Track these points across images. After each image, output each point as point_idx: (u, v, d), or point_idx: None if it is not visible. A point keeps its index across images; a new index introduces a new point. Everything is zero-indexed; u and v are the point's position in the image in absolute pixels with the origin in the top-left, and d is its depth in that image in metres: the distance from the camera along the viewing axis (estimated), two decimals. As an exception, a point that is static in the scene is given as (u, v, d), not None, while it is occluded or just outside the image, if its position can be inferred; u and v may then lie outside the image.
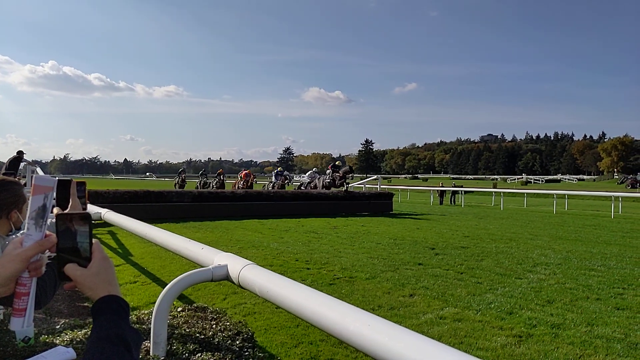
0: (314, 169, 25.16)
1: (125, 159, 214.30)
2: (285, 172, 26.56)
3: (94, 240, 0.91)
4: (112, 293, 0.90)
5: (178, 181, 32.04)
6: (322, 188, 20.29)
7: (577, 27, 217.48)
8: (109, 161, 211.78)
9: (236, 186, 24.84)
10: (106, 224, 7.18)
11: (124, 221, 4.82)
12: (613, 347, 3.86)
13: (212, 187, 26.16)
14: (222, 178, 27.85)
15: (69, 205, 1.08)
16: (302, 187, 22.02)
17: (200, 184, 30.11)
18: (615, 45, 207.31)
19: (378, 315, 1.71)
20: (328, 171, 21.15)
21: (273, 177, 26.12)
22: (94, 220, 6.11)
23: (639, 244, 10.22)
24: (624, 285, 6.09)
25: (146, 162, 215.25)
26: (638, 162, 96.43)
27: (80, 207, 1.12)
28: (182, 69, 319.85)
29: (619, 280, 6.37)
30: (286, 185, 25.40)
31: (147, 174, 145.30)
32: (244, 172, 26.11)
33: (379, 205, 17.65)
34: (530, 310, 4.86)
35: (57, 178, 1.00)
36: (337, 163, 21.75)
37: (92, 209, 5.86)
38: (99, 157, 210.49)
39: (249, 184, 24.74)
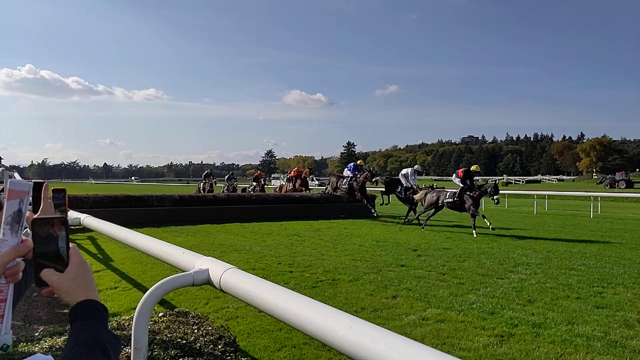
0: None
1: (105, 163, 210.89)
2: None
3: (71, 245, 0.89)
4: (89, 298, 0.88)
5: (205, 186, 26.65)
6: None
7: (554, 30, 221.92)
8: (88, 165, 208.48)
9: (285, 189, 21.40)
10: (86, 230, 7.06)
11: (104, 226, 4.73)
12: (593, 345, 3.92)
13: (252, 191, 22.45)
14: (262, 182, 24.38)
15: (40, 209, 1.06)
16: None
17: (228, 188, 25.07)
18: (593, 47, 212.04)
19: (361, 317, 1.71)
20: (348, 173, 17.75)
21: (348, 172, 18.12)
22: (74, 226, 6.00)
23: (618, 243, 10.43)
24: (603, 284, 6.20)
25: (126, 166, 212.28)
26: (616, 162, 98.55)
27: (52, 211, 1.09)
28: (161, 73, 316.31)
29: (598, 279, 6.49)
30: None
31: (133, 178, 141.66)
32: (294, 171, 21.67)
33: (361, 207, 17.68)
34: (511, 310, 4.92)
35: (32, 182, 0.98)
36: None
37: (71, 214, 5.75)
38: (78, 161, 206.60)
39: (297, 186, 20.42)
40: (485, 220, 12.11)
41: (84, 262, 0.91)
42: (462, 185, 12.89)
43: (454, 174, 13.81)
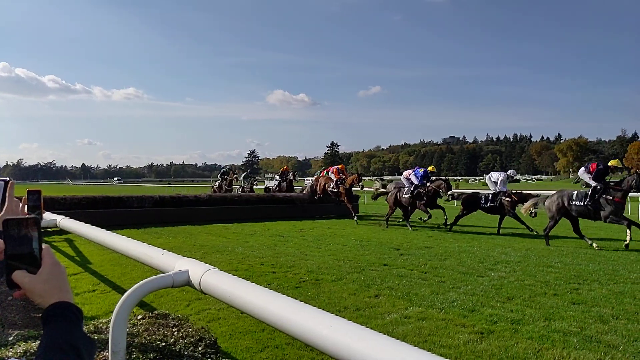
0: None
1: (83, 163, 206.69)
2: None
3: (44, 246, 0.88)
4: (63, 300, 0.87)
5: (223, 184, 22.84)
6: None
7: (532, 33, 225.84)
8: (65, 166, 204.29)
9: (319, 187, 17.17)
10: (63, 232, 6.93)
11: (81, 228, 4.66)
12: (569, 340, 4.00)
13: (275, 189, 20.38)
14: (289, 177, 21.01)
15: (4, 208, 1.04)
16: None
17: (245, 187, 22.06)
18: (569, 51, 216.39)
19: (344, 316, 1.71)
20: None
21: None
22: (50, 228, 5.89)
23: (593, 240, 10.63)
24: (579, 281, 6.32)
25: (105, 167, 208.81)
26: (592, 162, 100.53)
27: (18, 210, 1.07)
28: (142, 71, 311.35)
29: (574, 276, 6.62)
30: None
31: (115, 178, 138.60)
32: (334, 168, 16.95)
33: (345, 207, 17.72)
34: (491, 307, 4.98)
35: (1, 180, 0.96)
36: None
37: (46, 216, 5.64)
38: (54, 162, 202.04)
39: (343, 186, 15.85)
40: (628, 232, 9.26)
41: (57, 264, 0.90)
42: (595, 184, 9.85)
43: (583, 169, 10.71)
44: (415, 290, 5.73)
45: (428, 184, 13.35)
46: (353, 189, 15.90)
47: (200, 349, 2.29)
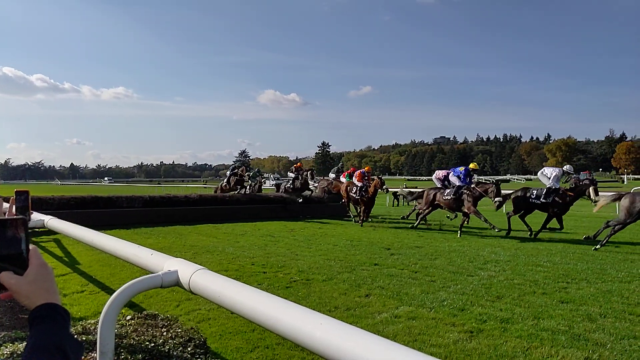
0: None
1: (72, 163, 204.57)
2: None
3: (31, 247, 0.87)
4: (50, 301, 0.86)
5: (230, 181, 19.63)
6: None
7: (521, 33, 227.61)
8: (54, 166, 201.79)
9: (343, 192, 15.85)
10: (51, 232, 6.87)
11: (70, 228, 4.61)
12: (558, 338, 4.04)
13: (288, 188, 18.27)
14: (305, 175, 17.94)
15: None
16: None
17: (254, 186, 19.76)
18: (558, 52, 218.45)
19: (334, 316, 1.72)
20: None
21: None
22: (37, 228, 5.83)
23: (581, 239, 10.75)
24: (567, 280, 6.39)
25: (94, 167, 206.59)
26: (581, 162, 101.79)
27: (1, 210, 1.06)
28: (131, 71, 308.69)
29: (563, 275, 6.68)
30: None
31: (105, 178, 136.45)
32: (359, 172, 15.33)
33: (336, 208, 17.73)
34: (480, 306, 5.01)
35: None
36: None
37: (34, 216, 5.58)
38: (43, 162, 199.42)
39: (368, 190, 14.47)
40: None
41: (44, 265, 0.89)
42: None
43: None
44: (405, 289, 5.75)
45: (473, 186, 12.02)
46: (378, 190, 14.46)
47: (189, 349, 2.27)
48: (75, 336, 2.46)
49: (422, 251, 8.89)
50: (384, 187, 14.32)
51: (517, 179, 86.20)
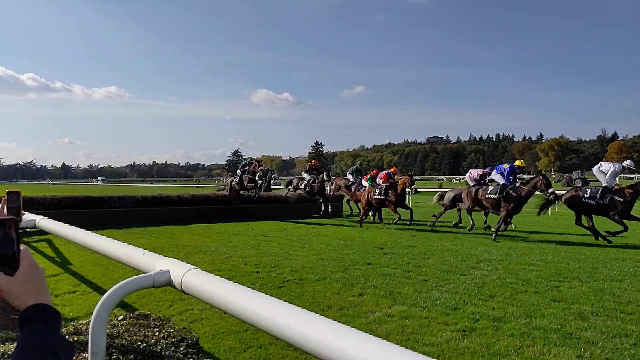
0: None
1: (64, 163, 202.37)
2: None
3: (22, 247, 0.86)
4: (41, 302, 0.86)
5: (242, 179, 16.40)
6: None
7: (515, 34, 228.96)
8: (45, 166, 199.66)
9: (363, 197, 14.21)
10: (42, 232, 6.82)
11: (61, 228, 4.58)
12: (550, 337, 4.06)
13: (304, 189, 17.00)
14: (324, 178, 16.47)
15: None
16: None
17: (260, 186, 16.33)
18: (550, 52, 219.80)
19: (327, 316, 1.72)
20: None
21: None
22: (29, 228, 5.79)
23: (574, 239, 10.83)
24: (560, 278, 6.43)
25: (86, 167, 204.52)
26: (573, 161, 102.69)
27: None
28: (123, 70, 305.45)
29: (555, 274, 6.72)
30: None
31: (99, 178, 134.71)
32: (384, 173, 13.86)
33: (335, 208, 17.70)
34: (473, 305, 5.03)
35: None
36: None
37: (26, 216, 5.54)
38: (34, 161, 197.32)
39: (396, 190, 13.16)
40: None
41: (35, 265, 0.89)
42: None
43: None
44: (398, 289, 5.76)
45: (518, 183, 11.00)
46: (406, 189, 13.42)
47: (181, 349, 2.26)
48: (67, 336, 2.44)
49: (415, 250, 8.91)
50: (413, 186, 13.21)
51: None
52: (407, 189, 13.38)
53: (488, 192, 11.47)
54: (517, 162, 11.50)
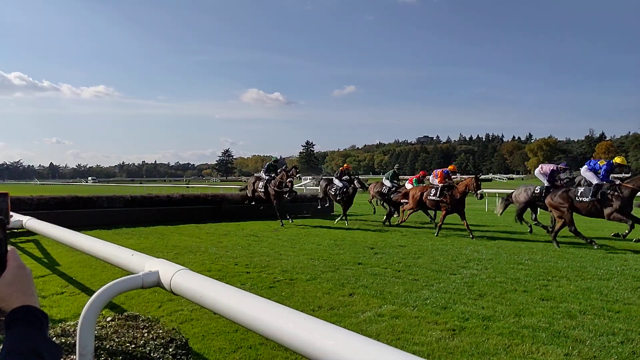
0: None
1: (52, 163, 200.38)
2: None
3: (9, 248, 0.86)
4: (27, 304, 0.85)
5: (267, 184, 15.11)
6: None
7: (503, 34, 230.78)
8: (32, 165, 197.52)
9: (412, 198, 13.17)
10: (30, 233, 6.73)
11: (49, 229, 4.53)
12: (538, 335, 4.09)
13: (334, 193, 15.33)
14: (356, 183, 15.05)
15: None
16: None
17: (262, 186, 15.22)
18: (539, 52, 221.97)
19: (318, 316, 1.72)
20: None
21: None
22: (15, 229, 5.72)
23: (562, 238, 10.92)
24: (548, 277, 6.48)
25: (74, 167, 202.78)
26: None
27: None
28: (112, 69, 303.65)
29: (544, 273, 6.78)
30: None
31: (90, 178, 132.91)
32: (440, 171, 12.74)
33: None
34: (463, 305, 5.06)
35: None
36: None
37: (13, 217, 5.47)
38: (21, 161, 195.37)
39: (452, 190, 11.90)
40: None
41: (22, 267, 0.87)
42: None
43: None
44: (389, 288, 5.78)
45: (618, 182, 9.50)
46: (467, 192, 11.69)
47: (171, 350, 2.25)
48: (54, 338, 2.42)
49: (405, 250, 8.94)
50: (479, 191, 11.18)
51: (499, 178, 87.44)
52: (473, 193, 11.36)
53: (578, 194, 9.76)
54: (617, 159, 9.86)
